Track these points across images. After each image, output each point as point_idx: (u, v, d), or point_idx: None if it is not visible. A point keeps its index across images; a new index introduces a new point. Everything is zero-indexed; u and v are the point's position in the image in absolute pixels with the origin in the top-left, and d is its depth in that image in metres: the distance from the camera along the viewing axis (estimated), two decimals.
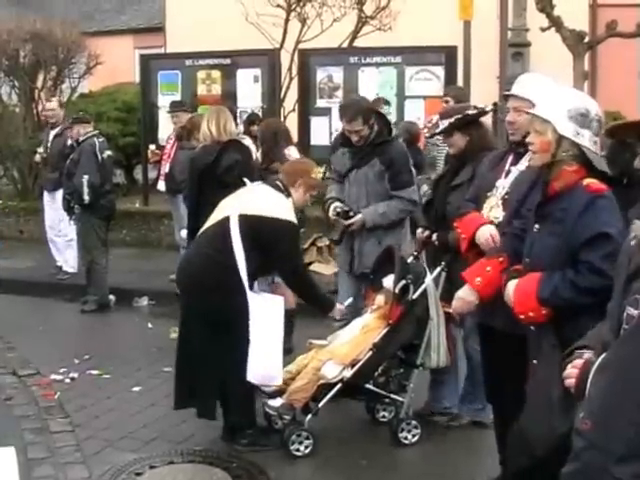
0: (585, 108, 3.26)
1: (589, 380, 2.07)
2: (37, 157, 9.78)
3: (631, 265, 2.08)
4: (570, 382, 2.30)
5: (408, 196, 5.51)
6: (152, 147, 9.26)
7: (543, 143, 3.28)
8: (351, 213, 5.46)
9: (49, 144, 9.37)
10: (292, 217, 4.87)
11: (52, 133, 9.41)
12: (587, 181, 3.23)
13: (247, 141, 7.04)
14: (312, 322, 5.99)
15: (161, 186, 8.88)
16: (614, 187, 3.28)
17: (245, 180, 5.61)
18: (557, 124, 3.23)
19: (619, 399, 1.86)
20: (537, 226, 3.35)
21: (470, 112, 4.89)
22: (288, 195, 4.96)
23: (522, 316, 3.28)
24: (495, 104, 8.18)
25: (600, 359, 2.05)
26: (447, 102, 7.17)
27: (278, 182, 5.03)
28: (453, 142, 4.91)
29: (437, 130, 5.11)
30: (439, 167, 7.03)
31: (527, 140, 3.45)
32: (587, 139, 3.25)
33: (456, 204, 4.76)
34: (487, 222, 4.09)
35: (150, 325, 7.70)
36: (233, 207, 4.89)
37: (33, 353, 6.50)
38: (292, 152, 6.74)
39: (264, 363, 4.71)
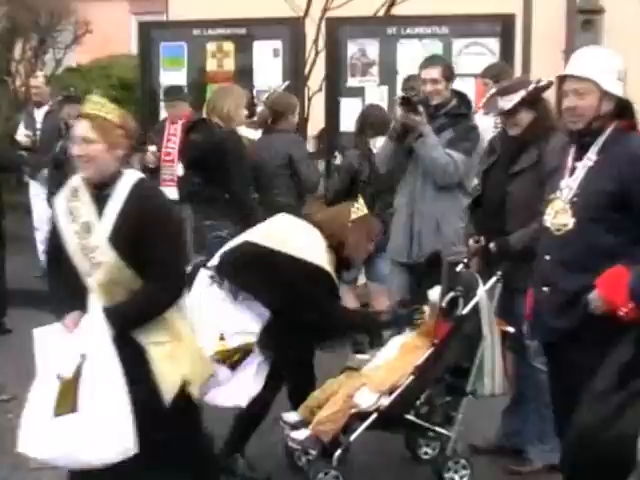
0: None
1: None
2: (24, 139, 9.60)
3: None
4: None
5: (458, 158, 5.76)
6: (152, 149, 8.66)
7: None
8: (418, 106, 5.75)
9: (38, 125, 9.46)
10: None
11: (39, 112, 9.52)
12: None
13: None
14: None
15: (172, 193, 7.49)
16: None
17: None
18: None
19: None
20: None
21: (541, 84, 5.01)
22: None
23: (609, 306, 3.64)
24: None
25: None
26: (486, 84, 7.01)
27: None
28: (518, 121, 5.03)
29: (506, 108, 5.03)
30: None
31: (567, 105, 3.94)
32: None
33: (519, 195, 4.90)
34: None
35: None
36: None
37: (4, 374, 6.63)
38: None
39: None
